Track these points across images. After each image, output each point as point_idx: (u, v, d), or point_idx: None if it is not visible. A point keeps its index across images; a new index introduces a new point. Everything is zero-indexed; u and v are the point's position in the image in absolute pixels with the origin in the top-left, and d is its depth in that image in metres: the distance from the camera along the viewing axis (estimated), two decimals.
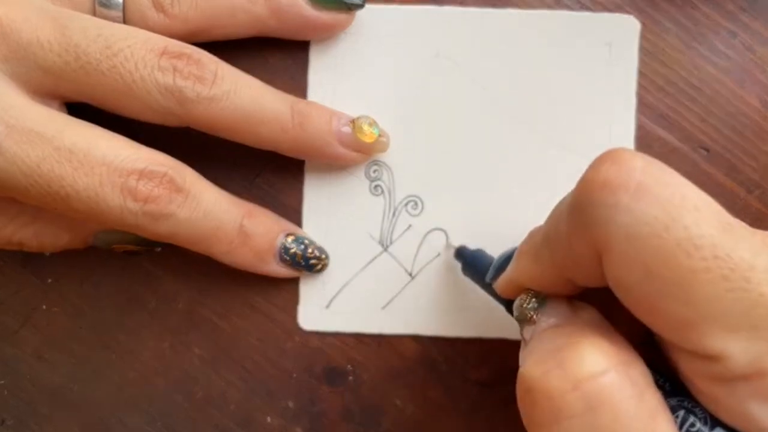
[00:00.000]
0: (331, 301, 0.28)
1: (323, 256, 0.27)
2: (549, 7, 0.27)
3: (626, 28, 0.27)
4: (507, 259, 0.22)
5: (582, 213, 0.17)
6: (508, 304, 0.23)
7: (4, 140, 0.22)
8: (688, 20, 0.27)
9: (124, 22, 0.24)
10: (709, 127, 0.27)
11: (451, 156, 0.27)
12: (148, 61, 0.23)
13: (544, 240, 0.20)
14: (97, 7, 0.24)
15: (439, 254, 0.27)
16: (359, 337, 0.28)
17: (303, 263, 0.27)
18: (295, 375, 0.28)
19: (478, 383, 0.28)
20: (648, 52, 0.27)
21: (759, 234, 0.18)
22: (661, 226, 0.16)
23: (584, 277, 0.19)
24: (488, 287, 0.24)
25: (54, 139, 0.22)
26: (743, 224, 0.18)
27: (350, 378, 0.28)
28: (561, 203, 0.19)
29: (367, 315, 0.28)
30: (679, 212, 0.16)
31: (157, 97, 0.23)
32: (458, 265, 0.27)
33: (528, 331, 0.20)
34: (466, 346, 0.27)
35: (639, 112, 0.27)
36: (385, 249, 0.28)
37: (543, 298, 0.20)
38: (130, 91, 0.23)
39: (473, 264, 0.26)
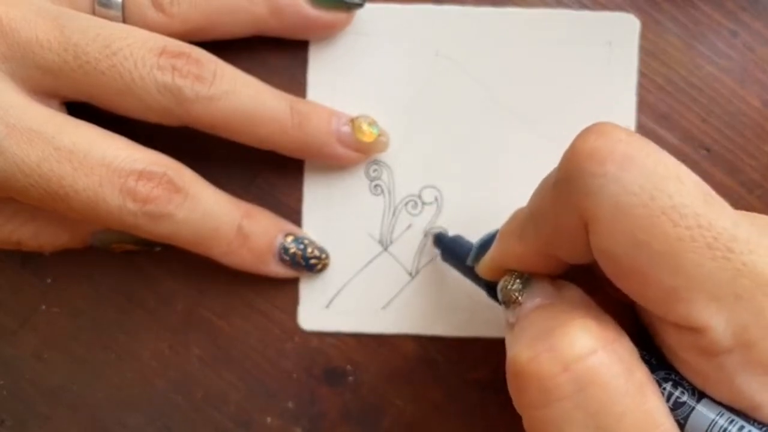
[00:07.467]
0: (331, 301, 0.28)
1: (323, 256, 0.27)
2: (549, 6, 0.27)
3: (626, 27, 0.27)
4: (488, 242, 0.22)
5: (570, 183, 0.17)
6: (490, 288, 0.22)
7: (3, 140, 0.22)
8: (689, 19, 0.27)
9: (124, 21, 0.24)
10: (710, 127, 0.27)
11: (451, 155, 0.27)
12: (147, 60, 0.23)
13: (529, 217, 0.20)
14: (96, 6, 0.24)
15: (439, 254, 0.27)
16: (359, 338, 0.28)
17: (303, 263, 0.26)
18: (294, 375, 0.28)
19: (478, 384, 0.28)
20: (648, 52, 0.27)
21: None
22: (647, 195, 0.16)
23: (570, 251, 0.19)
24: (469, 271, 0.24)
25: (54, 139, 0.22)
26: (720, 198, 0.18)
27: (350, 378, 0.28)
28: (546, 179, 0.19)
29: (367, 315, 0.28)
30: (664, 182, 0.16)
31: (156, 96, 0.23)
32: (438, 253, 0.27)
33: (512, 313, 0.20)
34: (466, 346, 0.27)
35: (639, 111, 0.27)
36: (385, 249, 0.28)
37: (527, 278, 0.20)
38: (129, 91, 0.23)
39: (452, 249, 0.26)
